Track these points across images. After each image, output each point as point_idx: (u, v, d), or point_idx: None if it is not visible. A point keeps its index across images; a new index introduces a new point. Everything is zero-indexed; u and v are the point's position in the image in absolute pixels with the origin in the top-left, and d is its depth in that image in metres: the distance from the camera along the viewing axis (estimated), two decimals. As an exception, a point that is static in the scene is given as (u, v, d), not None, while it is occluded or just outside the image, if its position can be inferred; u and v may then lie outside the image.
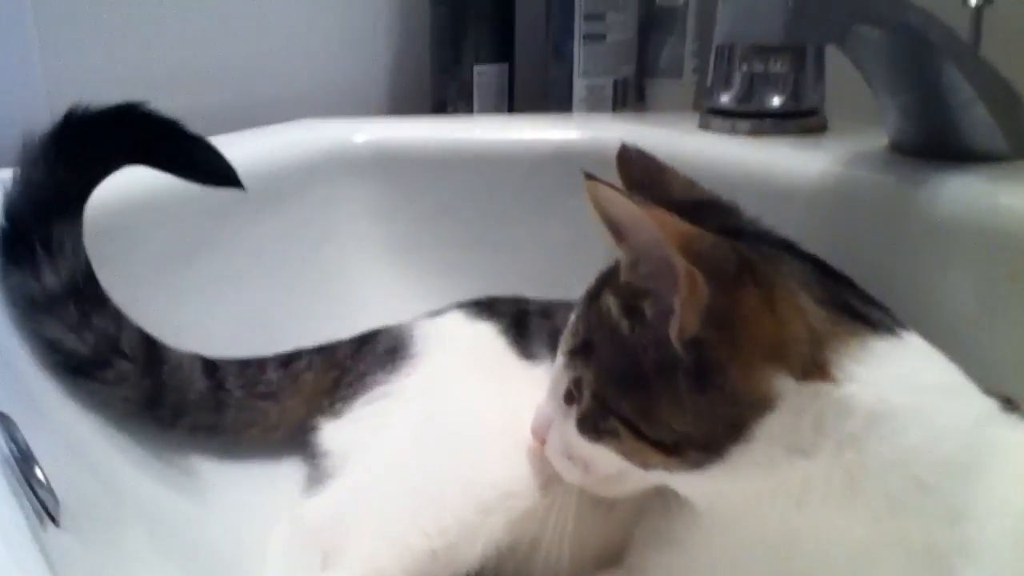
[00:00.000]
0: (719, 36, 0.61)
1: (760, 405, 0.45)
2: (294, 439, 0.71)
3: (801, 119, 0.88)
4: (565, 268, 0.91)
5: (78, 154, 0.62)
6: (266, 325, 0.81)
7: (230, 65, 1.03)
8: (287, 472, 0.70)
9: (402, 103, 1.18)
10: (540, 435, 0.56)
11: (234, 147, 0.88)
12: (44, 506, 0.43)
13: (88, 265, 0.64)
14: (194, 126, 0.67)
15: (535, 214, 0.97)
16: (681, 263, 0.43)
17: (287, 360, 0.73)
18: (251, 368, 0.71)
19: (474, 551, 0.58)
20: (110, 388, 0.64)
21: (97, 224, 0.65)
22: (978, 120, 0.69)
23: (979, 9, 0.74)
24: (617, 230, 0.49)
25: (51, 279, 0.61)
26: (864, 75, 0.71)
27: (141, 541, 0.56)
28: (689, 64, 1.08)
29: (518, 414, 0.63)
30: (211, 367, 0.70)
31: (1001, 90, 0.70)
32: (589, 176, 0.48)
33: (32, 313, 0.61)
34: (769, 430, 0.45)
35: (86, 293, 0.64)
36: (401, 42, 1.17)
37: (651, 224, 0.44)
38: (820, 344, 0.45)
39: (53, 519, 0.43)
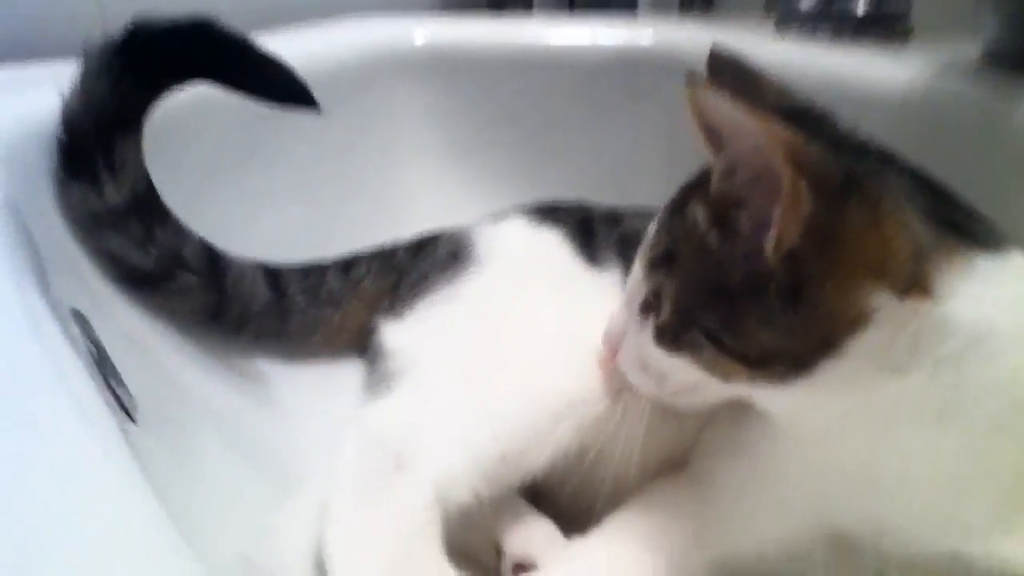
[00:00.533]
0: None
1: (855, 321, 0.42)
2: (357, 342, 0.71)
3: (886, 24, 0.83)
4: (627, 175, 0.94)
5: (143, 69, 0.60)
6: (324, 229, 0.81)
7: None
8: (350, 373, 0.70)
9: (456, 0, 1.14)
10: (612, 346, 0.55)
11: (286, 44, 0.85)
12: (123, 405, 0.43)
13: (149, 179, 0.63)
14: (240, 20, 0.65)
15: (596, 119, 0.94)
16: (786, 173, 0.41)
17: (346, 266, 0.73)
18: (313, 275, 0.71)
19: (542, 456, 0.57)
20: (175, 299, 0.65)
21: (151, 126, 0.64)
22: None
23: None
24: (715, 137, 0.46)
25: (113, 194, 0.60)
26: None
27: (211, 440, 0.57)
28: (763, -35, 1.03)
29: (585, 322, 0.62)
30: (273, 276, 0.69)
31: None
32: (692, 79, 0.45)
33: (95, 228, 0.61)
34: (863, 346, 0.43)
35: (148, 207, 0.63)
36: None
37: (757, 131, 0.41)
38: (923, 260, 0.43)
39: (132, 417, 0.43)
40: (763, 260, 0.43)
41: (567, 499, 0.61)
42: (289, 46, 0.83)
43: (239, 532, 0.50)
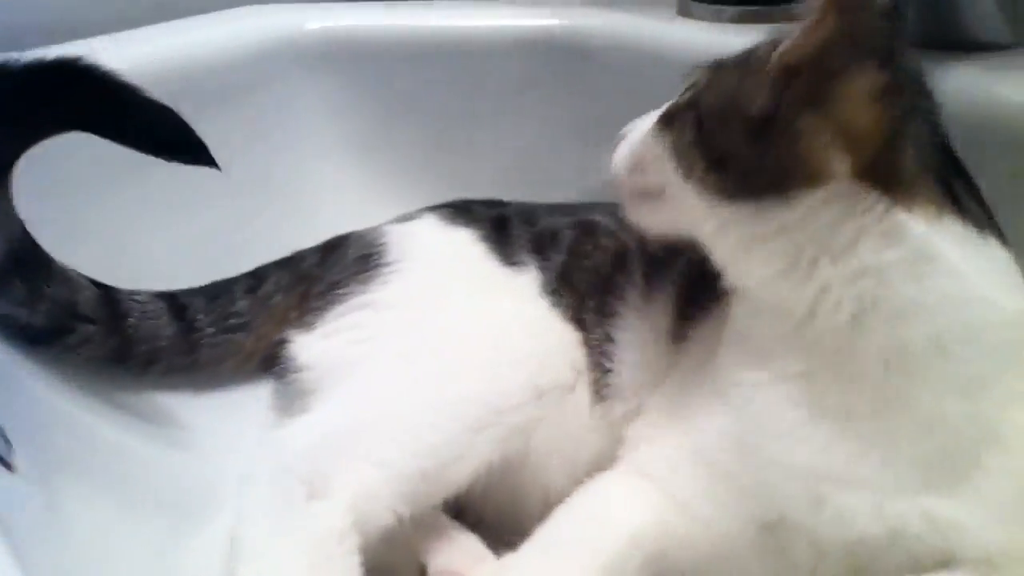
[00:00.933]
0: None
1: (812, 176, 0.45)
2: (270, 361, 0.68)
3: (788, 5, 0.84)
4: (539, 166, 0.91)
5: (6, 119, 0.55)
6: (223, 240, 0.77)
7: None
8: (264, 396, 0.67)
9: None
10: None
11: (174, 38, 0.82)
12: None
13: (24, 231, 0.59)
14: (130, 14, 0.60)
15: (505, 110, 0.92)
16: None
17: (254, 283, 0.69)
18: (219, 300, 0.68)
19: (465, 470, 0.56)
20: (76, 351, 0.61)
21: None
22: (981, 5, 0.65)
23: None
24: None
25: None
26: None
27: (104, 482, 0.53)
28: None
29: (503, 326, 0.62)
30: (179, 307, 0.66)
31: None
32: None
33: None
34: (811, 210, 0.45)
35: (28, 262, 0.59)
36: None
37: None
38: (897, 169, 0.45)
39: (7, 465, 0.40)
40: (765, 74, 0.46)
41: (493, 512, 0.61)
42: (180, 39, 0.79)
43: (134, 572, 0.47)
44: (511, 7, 0.96)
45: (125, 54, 0.73)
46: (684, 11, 0.87)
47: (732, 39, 0.75)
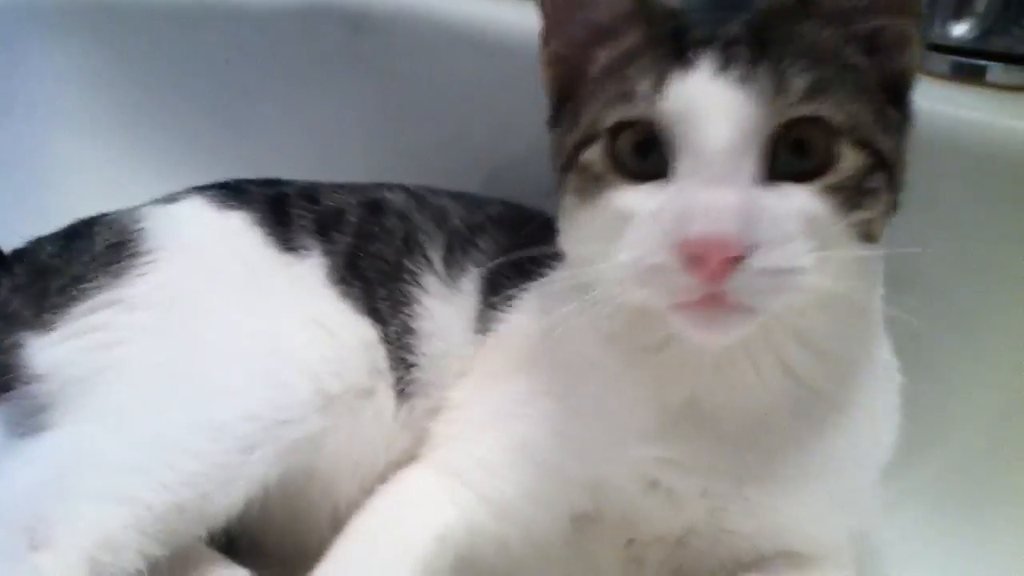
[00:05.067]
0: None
1: None
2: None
3: None
4: (328, 148, 0.87)
5: None
6: None
7: None
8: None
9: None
10: (737, 242, 0.40)
11: None
12: None
13: None
14: None
15: (287, 83, 0.87)
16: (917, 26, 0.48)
17: None
18: None
19: (234, 496, 0.52)
20: None
21: None
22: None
23: None
24: None
25: None
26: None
27: None
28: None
29: (283, 326, 0.57)
30: None
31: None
32: None
33: None
34: None
35: None
36: None
37: None
38: None
39: None
40: (895, 66, 0.47)
41: (275, 536, 0.59)
42: None
43: None
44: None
45: None
46: None
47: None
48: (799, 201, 0.42)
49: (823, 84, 0.43)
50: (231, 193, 0.66)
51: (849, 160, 0.43)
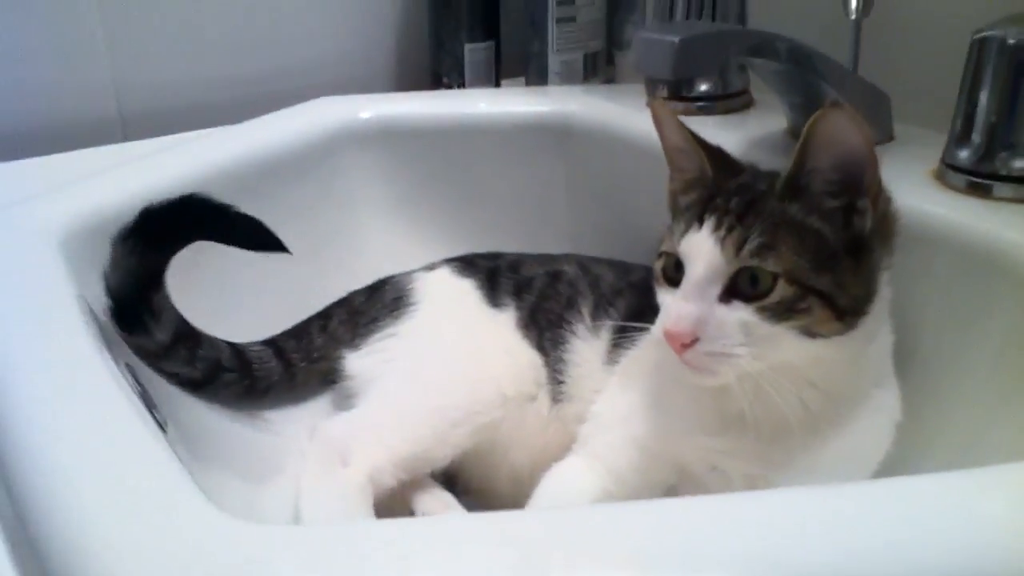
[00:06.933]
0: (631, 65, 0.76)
1: (882, 269, 0.63)
2: (333, 373, 0.87)
3: (727, 100, 1.03)
4: (537, 220, 1.12)
5: (155, 242, 0.71)
6: (299, 286, 0.94)
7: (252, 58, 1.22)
8: (326, 400, 0.89)
9: (406, 78, 1.36)
10: (689, 335, 0.60)
11: (260, 129, 1.02)
12: (159, 422, 0.62)
13: (180, 315, 0.75)
14: (232, 107, 0.85)
15: (513, 175, 1.11)
16: (879, 183, 0.61)
17: (323, 323, 0.88)
18: (304, 339, 0.86)
19: (445, 452, 0.77)
20: (221, 392, 0.80)
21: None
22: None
23: (858, 22, 0.89)
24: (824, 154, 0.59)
25: (161, 336, 0.73)
26: (763, 81, 0.88)
27: (217, 454, 0.76)
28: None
29: (483, 351, 0.81)
30: (279, 351, 0.84)
31: (869, 91, 0.87)
32: (835, 104, 0.57)
33: (155, 360, 0.73)
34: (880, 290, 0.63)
35: (187, 335, 0.76)
36: (403, 23, 1.35)
37: (873, 160, 0.59)
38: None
39: (163, 429, 0.62)
40: (853, 232, 0.60)
41: (476, 482, 0.82)
42: (266, 130, 1.02)
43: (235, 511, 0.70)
44: (521, 94, 1.17)
45: (228, 147, 0.97)
46: (648, 102, 1.06)
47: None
48: (740, 314, 0.59)
49: (772, 244, 0.58)
50: (465, 265, 0.89)
51: (779, 292, 0.58)
